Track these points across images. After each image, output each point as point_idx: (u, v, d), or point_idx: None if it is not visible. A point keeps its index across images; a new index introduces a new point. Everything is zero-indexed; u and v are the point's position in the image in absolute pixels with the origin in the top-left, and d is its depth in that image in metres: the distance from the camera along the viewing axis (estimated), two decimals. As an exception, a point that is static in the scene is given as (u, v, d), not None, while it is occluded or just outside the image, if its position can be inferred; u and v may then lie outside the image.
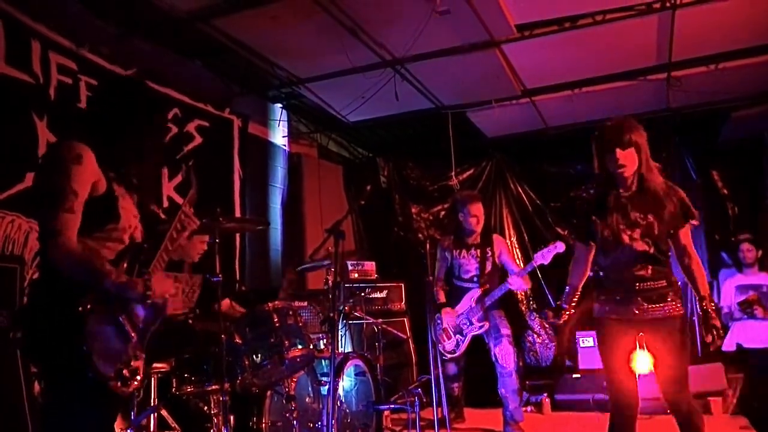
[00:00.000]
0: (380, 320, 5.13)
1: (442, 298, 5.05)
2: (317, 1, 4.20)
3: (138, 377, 2.13)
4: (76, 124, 4.08)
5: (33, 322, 2.00)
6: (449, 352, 4.97)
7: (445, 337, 4.97)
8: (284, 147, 6.75)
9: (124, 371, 2.05)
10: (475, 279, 5.00)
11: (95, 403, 2.02)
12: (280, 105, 6.57)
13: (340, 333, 4.98)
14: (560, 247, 4.77)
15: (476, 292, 4.94)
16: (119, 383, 2.03)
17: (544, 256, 4.74)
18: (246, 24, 4.52)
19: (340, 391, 3.96)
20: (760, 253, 5.57)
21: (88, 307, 1.95)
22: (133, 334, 2.12)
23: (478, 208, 5.01)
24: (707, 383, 5.36)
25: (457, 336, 4.95)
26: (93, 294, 1.98)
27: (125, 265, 2.13)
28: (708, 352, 5.73)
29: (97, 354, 1.95)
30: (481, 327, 4.89)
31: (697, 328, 6.32)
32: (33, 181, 2.17)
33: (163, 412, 3.47)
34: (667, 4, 4.42)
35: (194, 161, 5.12)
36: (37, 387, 3.59)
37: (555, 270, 6.56)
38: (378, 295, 6.01)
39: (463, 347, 4.95)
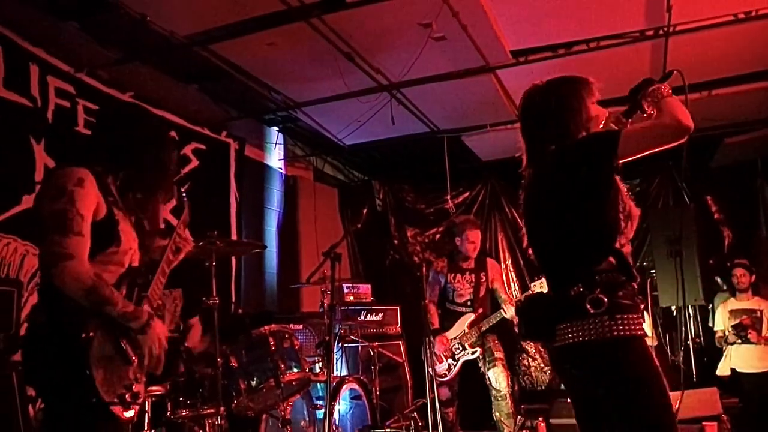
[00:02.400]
0: (376, 343, 5.10)
1: (435, 322, 5.02)
2: (314, 27, 4.25)
3: (139, 401, 2.12)
4: (74, 148, 4.10)
5: (35, 347, 2.00)
6: (440, 376, 4.95)
7: (437, 361, 4.95)
8: (280, 170, 6.78)
9: (126, 395, 2.04)
10: (469, 303, 5.00)
11: (97, 427, 2.01)
12: (276, 128, 6.61)
13: (335, 356, 4.95)
14: None
15: (470, 317, 4.94)
16: (121, 407, 2.03)
17: (543, 286, 4.73)
18: (243, 49, 4.57)
19: (336, 415, 3.97)
20: (753, 278, 5.60)
21: (91, 334, 1.95)
22: (134, 358, 2.11)
23: (476, 235, 5.03)
24: (702, 408, 5.34)
25: (449, 361, 4.93)
26: (96, 319, 1.98)
27: (125, 289, 2.14)
28: (704, 376, 5.74)
29: (100, 378, 1.94)
30: (473, 353, 4.88)
31: (692, 353, 6.35)
32: (34, 206, 2.17)
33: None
34: (660, 32, 4.48)
35: (191, 184, 5.15)
36: (32, 411, 3.55)
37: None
38: (373, 318, 5.99)
39: (454, 372, 4.93)
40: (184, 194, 2.66)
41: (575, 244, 2.06)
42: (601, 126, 2.25)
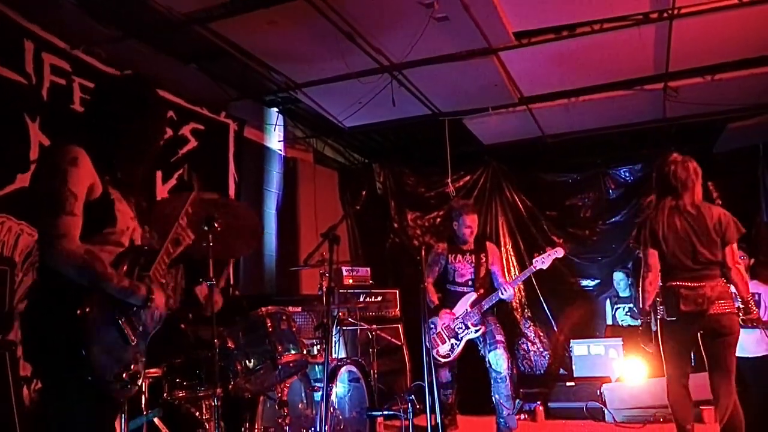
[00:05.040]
0: (374, 326, 5.12)
1: (435, 300, 5.05)
2: (315, 6, 4.19)
3: (138, 381, 2.12)
4: (69, 126, 4.06)
5: (32, 326, 2.00)
6: (443, 357, 4.96)
7: (439, 341, 4.96)
8: (280, 152, 6.74)
9: (124, 374, 2.04)
10: (470, 283, 5.02)
11: (94, 406, 2.02)
12: (276, 109, 6.58)
13: (333, 339, 4.96)
14: (559, 252, 4.80)
15: (472, 296, 4.95)
16: (118, 386, 2.03)
17: (543, 262, 4.77)
18: (243, 28, 4.51)
19: (334, 397, 3.95)
20: (752, 261, 5.60)
21: (87, 310, 1.95)
22: (133, 338, 2.11)
23: (473, 219, 5.05)
24: (699, 392, 5.35)
25: (452, 340, 4.94)
26: (93, 297, 1.98)
27: (125, 268, 2.13)
28: (701, 360, 5.75)
29: (96, 357, 1.95)
30: (477, 331, 4.90)
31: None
32: (29, 185, 2.17)
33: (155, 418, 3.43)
34: (665, 15, 4.44)
35: (189, 164, 5.11)
36: (26, 391, 3.55)
37: (551, 278, 6.65)
38: (372, 300, 6.00)
39: (457, 352, 4.95)
40: (193, 174, 2.62)
41: None
42: None
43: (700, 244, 3.60)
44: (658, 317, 3.73)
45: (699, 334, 3.64)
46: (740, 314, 3.58)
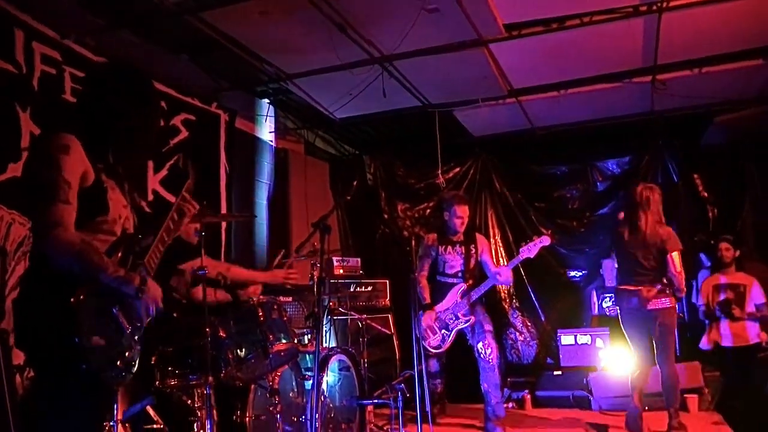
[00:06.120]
0: (365, 316, 5.15)
1: (426, 297, 5.07)
2: (306, -4, 4.20)
3: (132, 369, 2.12)
4: (60, 116, 4.05)
5: (26, 314, 2.00)
6: (434, 348, 5.02)
7: (430, 333, 5.00)
8: (271, 143, 6.75)
9: (118, 362, 2.04)
10: (460, 274, 5.07)
11: (87, 394, 2.02)
12: (267, 100, 6.57)
13: (324, 328, 5.00)
14: (546, 240, 4.85)
15: (461, 287, 5.00)
16: (112, 374, 2.03)
17: (530, 250, 4.82)
18: (234, 18, 4.51)
19: (324, 386, 3.98)
20: (737, 253, 5.69)
21: (81, 298, 1.94)
22: (127, 326, 2.11)
23: (464, 210, 5.07)
24: (684, 381, 5.45)
25: (443, 331, 5.00)
26: (87, 286, 1.97)
27: (119, 255, 2.12)
28: (687, 350, 5.85)
29: (90, 346, 1.94)
30: (467, 321, 4.95)
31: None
32: (21, 174, 2.16)
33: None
34: (654, 8, 4.48)
35: (180, 155, 5.12)
36: (19, 379, 3.56)
37: (538, 269, 6.72)
38: (363, 290, 6.04)
39: (448, 342, 5.01)
40: (189, 163, 2.64)
41: None
42: None
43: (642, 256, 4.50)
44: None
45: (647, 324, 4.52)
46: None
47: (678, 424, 4.43)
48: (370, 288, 6.12)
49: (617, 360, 5.82)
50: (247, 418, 3.65)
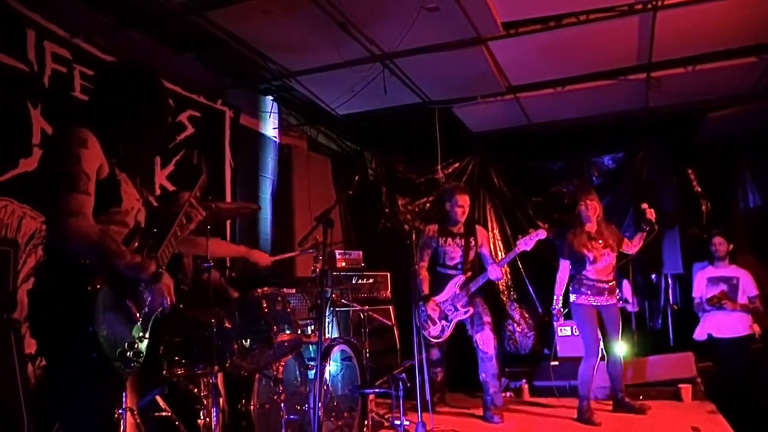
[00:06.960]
0: (366, 307, 5.23)
1: (426, 288, 5.16)
2: (308, -5, 4.28)
3: (141, 359, 2.17)
4: (70, 113, 4.13)
5: (40, 303, 2.04)
6: (435, 338, 5.12)
7: (430, 324, 5.11)
8: (275, 139, 6.83)
9: (128, 352, 2.09)
10: (459, 266, 5.15)
11: (98, 383, 2.06)
12: (271, 97, 6.64)
13: (327, 319, 5.08)
14: (542, 234, 4.93)
15: (460, 279, 5.10)
16: (122, 364, 2.07)
17: (526, 243, 4.90)
18: (238, 17, 4.58)
19: (327, 376, 4.04)
20: (731, 246, 5.78)
21: (98, 287, 1.99)
22: (138, 317, 2.16)
23: (465, 199, 5.16)
24: (678, 371, 5.56)
25: (443, 322, 5.10)
26: (101, 276, 2.01)
27: (135, 245, 2.18)
28: (681, 341, 5.96)
29: (102, 335, 1.98)
30: (466, 312, 5.05)
31: (669, 319, 6.56)
32: (38, 168, 2.22)
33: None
34: (649, 6, 4.53)
35: (186, 151, 5.21)
36: (30, 368, 3.65)
37: (536, 262, 6.81)
38: (364, 282, 6.13)
39: (448, 332, 5.11)
40: (202, 159, 2.69)
41: None
42: None
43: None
44: None
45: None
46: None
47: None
48: (371, 280, 6.20)
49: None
50: (252, 407, 3.74)
